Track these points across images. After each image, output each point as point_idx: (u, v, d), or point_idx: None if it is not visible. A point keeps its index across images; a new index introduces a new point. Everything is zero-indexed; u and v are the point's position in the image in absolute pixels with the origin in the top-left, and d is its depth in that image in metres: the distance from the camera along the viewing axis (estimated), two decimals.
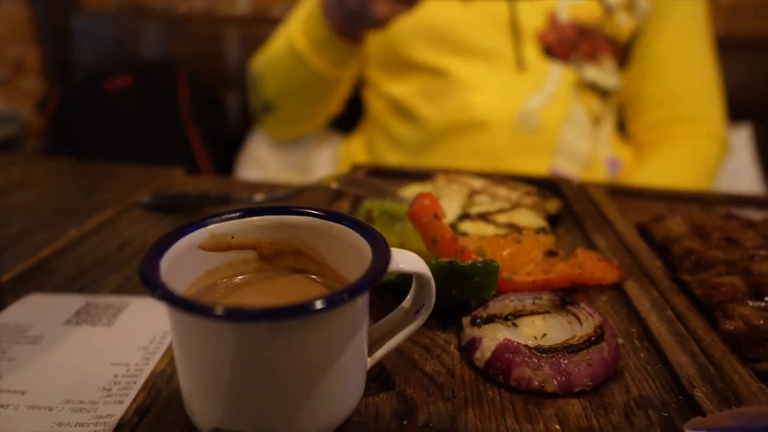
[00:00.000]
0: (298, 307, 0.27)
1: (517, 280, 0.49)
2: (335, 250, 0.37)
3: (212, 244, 0.36)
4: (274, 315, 0.27)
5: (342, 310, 0.30)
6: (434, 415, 0.37)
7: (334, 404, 0.32)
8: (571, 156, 1.12)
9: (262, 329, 0.28)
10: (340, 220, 0.36)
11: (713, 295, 0.49)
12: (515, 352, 0.39)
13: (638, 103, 1.20)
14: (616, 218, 0.67)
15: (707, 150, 1.15)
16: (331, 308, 0.28)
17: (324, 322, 0.29)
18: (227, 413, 0.30)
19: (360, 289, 0.29)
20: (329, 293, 0.28)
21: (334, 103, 1.28)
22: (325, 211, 0.37)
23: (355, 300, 0.29)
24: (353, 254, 0.35)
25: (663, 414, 0.38)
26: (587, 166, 1.14)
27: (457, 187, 0.73)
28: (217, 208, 0.74)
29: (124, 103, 1.61)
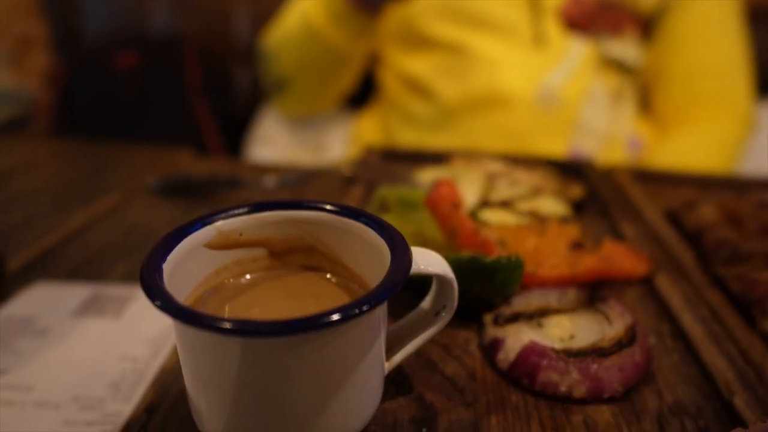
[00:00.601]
0: (311, 320, 0.25)
1: (541, 274, 0.46)
2: (350, 247, 0.35)
3: (219, 242, 0.34)
4: (285, 329, 0.25)
5: (359, 320, 0.27)
6: (455, 422, 0.35)
7: (349, 416, 0.30)
8: (591, 134, 1.09)
9: (270, 342, 0.26)
10: (357, 217, 0.34)
11: (752, 291, 0.46)
12: (541, 355, 0.37)
13: (663, 78, 1.16)
14: (644, 205, 0.64)
15: (730, 129, 1.11)
16: (347, 321, 0.25)
17: (339, 335, 0.27)
18: (234, 425, 0.28)
19: (379, 299, 0.27)
20: (345, 304, 0.26)
21: (347, 80, 1.25)
22: (340, 207, 0.35)
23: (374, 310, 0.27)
24: (370, 253, 0.33)
25: (699, 422, 0.36)
26: (607, 144, 1.10)
27: (475, 172, 0.70)
28: (226, 192, 0.72)
29: (131, 81, 1.59)
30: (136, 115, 1.59)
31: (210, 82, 1.68)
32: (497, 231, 0.52)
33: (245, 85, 1.80)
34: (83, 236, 0.62)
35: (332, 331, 0.26)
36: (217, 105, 1.67)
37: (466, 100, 1.09)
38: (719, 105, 1.12)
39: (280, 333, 0.25)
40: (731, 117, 1.11)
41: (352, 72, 1.22)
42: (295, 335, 0.26)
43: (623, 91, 1.14)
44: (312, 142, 1.42)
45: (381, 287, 0.27)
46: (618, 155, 1.10)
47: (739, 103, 1.11)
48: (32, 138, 1.64)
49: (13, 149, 0.90)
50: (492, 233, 0.51)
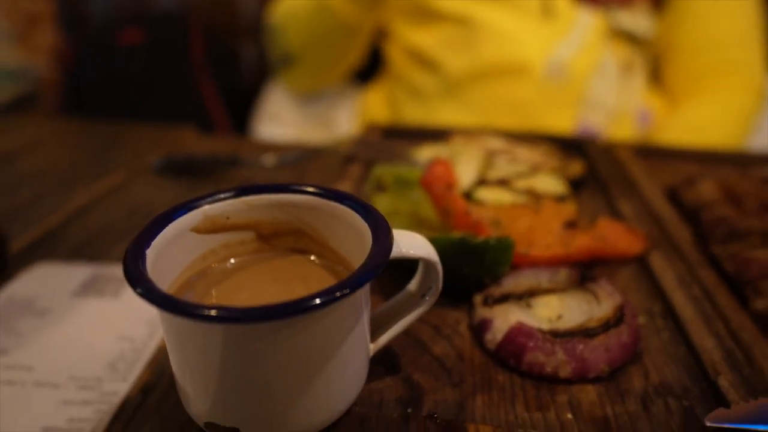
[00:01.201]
0: (292, 305, 0.25)
1: (534, 254, 0.46)
2: (337, 231, 0.35)
3: (206, 226, 0.34)
4: (264, 316, 0.25)
5: (338, 304, 0.28)
6: (441, 402, 0.35)
7: (333, 398, 0.30)
8: (600, 108, 1.07)
9: (251, 328, 0.26)
10: (342, 200, 0.34)
11: (745, 271, 0.46)
12: (528, 336, 0.37)
13: (674, 49, 1.14)
14: (644, 182, 0.63)
15: (742, 100, 1.09)
16: (325, 306, 0.26)
17: (318, 319, 0.27)
18: (221, 409, 0.29)
19: (358, 284, 0.27)
20: (322, 289, 0.26)
21: (355, 54, 1.24)
22: (324, 190, 0.35)
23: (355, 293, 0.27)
24: (354, 236, 0.33)
25: (683, 403, 0.36)
26: (616, 118, 1.09)
27: (474, 149, 0.69)
28: (228, 171, 0.72)
29: (136, 58, 1.59)
30: (141, 92, 1.59)
31: (216, 59, 1.67)
32: (492, 210, 0.52)
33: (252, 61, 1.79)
34: (86, 216, 0.63)
35: (311, 316, 0.27)
36: (223, 81, 1.66)
37: (474, 72, 1.07)
38: (731, 76, 1.10)
39: (259, 319, 0.25)
40: (743, 88, 1.09)
41: (360, 46, 1.21)
42: (275, 321, 0.26)
43: (633, 63, 1.12)
44: (319, 118, 1.42)
45: (360, 272, 0.28)
46: (627, 129, 1.09)
47: (751, 74, 1.09)
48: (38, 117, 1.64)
49: (18, 129, 0.91)
50: (486, 213, 0.51)
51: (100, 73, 1.60)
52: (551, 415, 0.35)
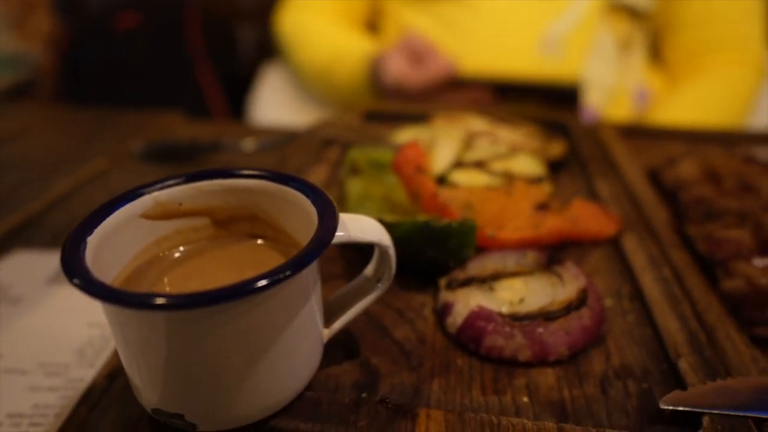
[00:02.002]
0: (230, 290, 0.25)
1: (502, 237, 0.46)
2: (290, 215, 0.34)
3: (158, 212, 0.34)
4: (203, 301, 0.25)
5: (281, 287, 0.27)
6: (397, 387, 0.35)
7: (280, 383, 0.30)
8: (597, 86, 1.06)
9: (190, 314, 0.26)
10: (290, 183, 0.34)
11: (716, 251, 0.45)
12: (487, 319, 0.37)
13: (674, 25, 1.12)
14: (625, 162, 0.62)
15: (742, 77, 1.07)
16: (268, 289, 0.26)
17: (260, 302, 0.27)
18: (166, 395, 0.29)
19: (296, 267, 0.27)
20: (261, 273, 0.26)
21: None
22: (274, 173, 0.34)
23: (297, 275, 0.27)
24: (306, 220, 0.33)
25: (642, 385, 0.36)
26: (613, 96, 1.07)
27: (455, 131, 0.68)
28: (210, 156, 0.72)
29: (132, 42, 1.58)
30: (138, 77, 1.58)
31: (213, 43, 1.66)
32: (465, 193, 0.51)
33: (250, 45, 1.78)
34: (67, 203, 0.63)
35: (250, 300, 0.27)
36: (220, 65, 1.66)
37: (468, 52, 1.06)
38: (730, 52, 1.08)
39: (192, 305, 0.25)
40: (743, 65, 1.07)
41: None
42: (209, 306, 0.26)
43: (632, 39, 1.10)
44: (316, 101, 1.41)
45: (299, 256, 0.27)
46: (624, 107, 1.07)
47: (751, 51, 1.07)
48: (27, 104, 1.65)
49: (6, 116, 0.91)
50: (458, 195, 0.51)
51: (96, 58, 1.60)
52: (507, 399, 0.35)
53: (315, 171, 0.61)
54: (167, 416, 0.29)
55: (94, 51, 1.59)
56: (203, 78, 1.60)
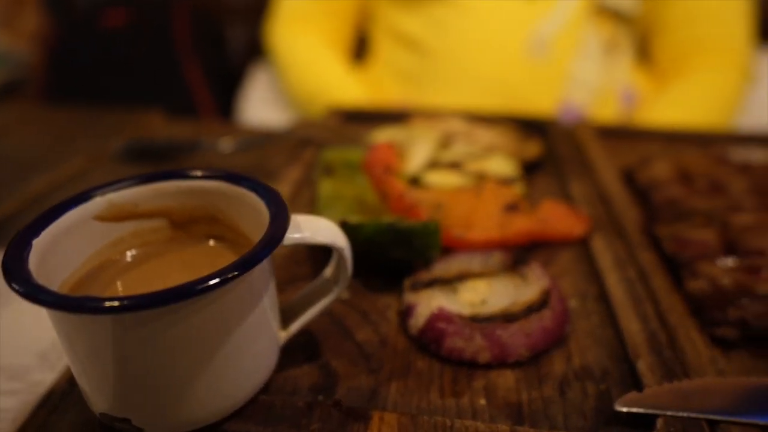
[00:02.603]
0: (173, 292, 0.25)
1: (469, 237, 0.46)
2: (246, 216, 0.34)
3: (113, 213, 0.34)
4: (146, 303, 0.25)
5: (230, 287, 0.27)
6: (354, 389, 0.35)
7: (230, 386, 0.30)
8: (583, 87, 1.06)
9: (134, 317, 0.26)
10: (241, 183, 0.33)
11: (682, 251, 0.45)
12: (448, 321, 0.37)
13: (660, 25, 1.12)
14: (600, 163, 0.62)
15: (729, 79, 1.07)
16: (212, 290, 0.26)
17: (207, 303, 0.27)
18: (111, 399, 0.29)
19: (244, 267, 0.27)
20: (204, 276, 0.26)
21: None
22: (227, 174, 0.34)
23: (244, 276, 0.27)
24: (260, 222, 0.32)
25: (601, 387, 0.36)
26: (600, 97, 1.07)
27: (432, 131, 0.68)
28: (188, 156, 0.72)
29: (119, 40, 1.57)
30: (125, 75, 1.58)
31: (202, 41, 1.66)
32: (435, 194, 0.51)
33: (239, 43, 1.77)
34: (44, 203, 0.63)
35: (193, 303, 0.26)
36: (209, 64, 1.65)
37: (458, 53, 1.07)
38: (717, 53, 1.08)
39: (135, 309, 0.25)
40: (729, 66, 1.07)
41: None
42: (155, 309, 0.26)
43: (619, 40, 1.10)
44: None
45: (245, 257, 0.27)
46: (611, 108, 1.08)
47: (737, 52, 1.07)
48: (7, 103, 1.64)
49: None
50: (429, 196, 0.51)
51: (84, 56, 1.59)
52: (464, 401, 0.34)
53: (289, 171, 0.61)
54: (114, 421, 0.29)
55: (82, 49, 1.58)
56: (191, 76, 1.59)
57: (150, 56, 1.60)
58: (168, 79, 1.60)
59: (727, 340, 0.39)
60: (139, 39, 1.60)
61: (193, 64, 1.60)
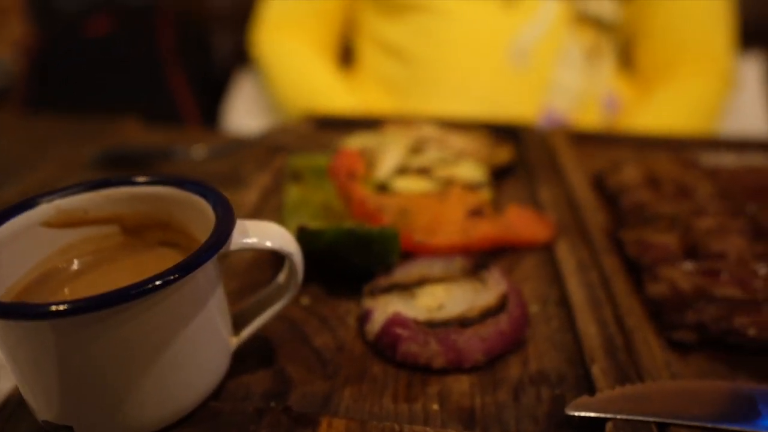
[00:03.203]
0: (107, 297, 0.25)
1: (432, 243, 0.46)
2: (197, 221, 0.34)
3: (62, 220, 0.34)
4: (81, 308, 0.25)
5: (170, 291, 0.27)
6: (307, 395, 0.35)
7: (176, 393, 0.30)
8: (565, 94, 1.07)
9: (71, 322, 0.26)
10: (190, 188, 0.33)
11: (644, 255, 0.45)
12: (403, 326, 0.37)
13: (643, 34, 1.13)
14: (570, 168, 0.62)
15: (711, 87, 1.08)
16: (147, 294, 0.25)
17: (147, 308, 0.27)
18: (52, 407, 0.28)
19: (183, 270, 0.26)
20: (141, 280, 0.26)
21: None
22: (175, 179, 0.34)
23: (186, 280, 0.27)
24: (209, 226, 0.32)
25: (555, 391, 0.35)
26: (581, 104, 1.08)
27: (404, 138, 0.68)
28: (162, 164, 0.72)
29: (102, 48, 1.57)
30: (108, 82, 1.57)
31: (186, 49, 1.66)
32: (401, 199, 0.51)
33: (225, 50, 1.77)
34: None
35: (132, 307, 0.26)
36: (194, 71, 1.65)
37: (440, 61, 1.07)
38: (699, 61, 1.09)
39: (65, 314, 0.25)
40: (712, 74, 1.08)
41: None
42: (90, 314, 0.26)
43: (601, 47, 1.11)
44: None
45: (184, 262, 0.27)
46: (593, 115, 1.08)
47: (719, 60, 1.08)
48: None
49: None
50: (395, 201, 0.51)
51: (66, 64, 1.59)
52: (417, 407, 0.34)
53: (259, 178, 0.61)
54: (56, 429, 0.29)
55: (63, 56, 1.58)
56: (175, 83, 1.59)
57: (134, 64, 1.60)
58: (152, 87, 1.60)
59: (684, 343, 0.39)
60: (122, 47, 1.60)
61: (177, 72, 1.60)
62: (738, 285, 0.41)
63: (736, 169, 0.57)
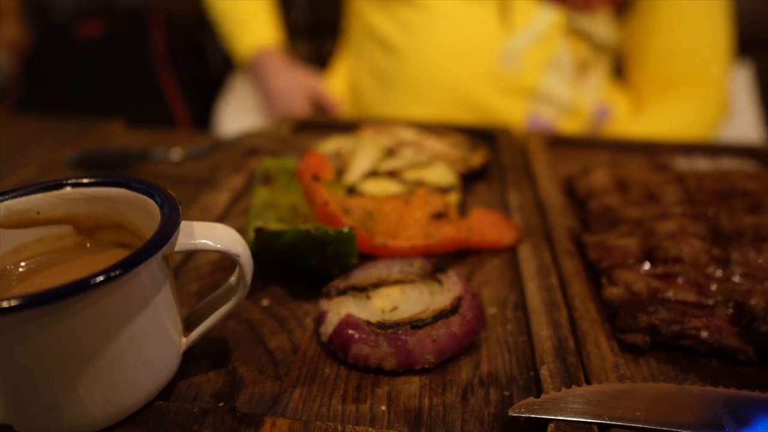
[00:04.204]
0: (35, 297, 0.25)
1: (393, 245, 0.46)
2: (146, 221, 0.34)
3: (14, 221, 0.34)
4: (10, 309, 0.25)
5: (107, 291, 0.27)
6: (256, 395, 0.35)
7: (119, 393, 0.30)
8: (553, 102, 1.07)
9: (5, 321, 0.26)
10: (137, 188, 0.34)
11: (603, 258, 0.45)
12: (355, 328, 0.37)
13: (641, 56, 1.12)
14: (542, 172, 0.63)
15: (705, 110, 1.08)
16: (80, 293, 0.26)
17: (82, 308, 0.27)
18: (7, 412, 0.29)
19: (119, 270, 0.27)
20: (83, 276, 0.26)
21: None
22: (124, 180, 0.34)
23: (126, 279, 0.27)
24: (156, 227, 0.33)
25: (504, 393, 0.36)
26: (570, 112, 1.08)
27: (380, 140, 0.69)
28: (140, 165, 0.72)
29: (94, 50, 1.58)
30: (100, 84, 1.58)
31: (179, 51, 1.66)
32: (368, 202, 0.52)
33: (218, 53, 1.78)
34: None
35: (67, 306, 0.27)
36: (187, 74, 1.66)
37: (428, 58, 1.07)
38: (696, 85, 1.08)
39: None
40: (706, 98, 1.08)
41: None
42: (23, 312, 0.26)
43: (591, 61, 1.11)
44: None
45: (118, 263, 0.27)
46: (581, 124, 1.08)
47: (716, 86, 1.07)
48: None
49: None
50: (362, 204, 0.51)
51: (58, 66, 1.59)
52: (365, 408, 0.34)
53: (232, 180, 0.61)
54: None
55: (55, 58, 1.58)
56: (167, 86, 1.60)
57: (126, 66, 1.60)
58: (145, 89, 1.61)
59: (637, 346, 0.39)
60: (115, 49, 1.60)
61: (169, 75, 1.60)
62: (693, 288, 0.42)
63: (705, 173, 0.58)
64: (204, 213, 0.54)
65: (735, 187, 0.55)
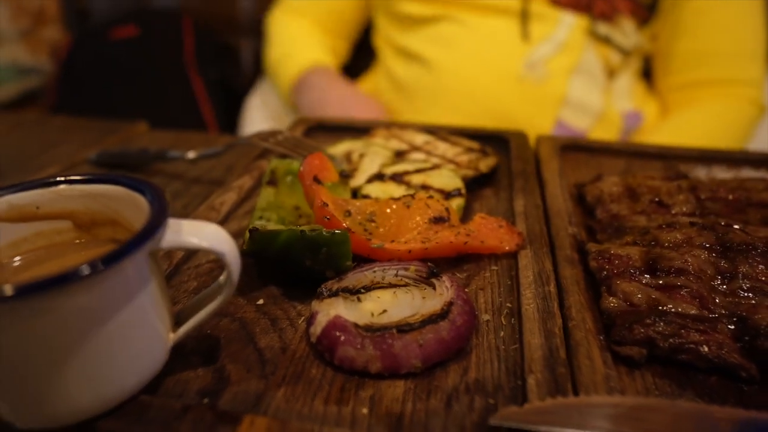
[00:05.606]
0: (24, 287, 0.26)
1: (390, 249, 0.46)
2: (140, 218, 0.35)
3: (14, 215, 0.35)
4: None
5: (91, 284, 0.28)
6: (241, 393, 0.35)
7: (104, 385, 0.31)
8: (581, 108, 1.05)
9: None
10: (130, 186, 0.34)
11: (604, 267, 0.44)
12: (342, 330, 0.37)
13: (668, 61, 1.09)
14: (551, 178, 0.62)
15: (739, 110, 1.04)
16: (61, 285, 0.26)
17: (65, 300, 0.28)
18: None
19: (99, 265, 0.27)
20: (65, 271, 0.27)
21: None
22: (117, 178, 0.35)
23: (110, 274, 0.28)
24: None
25: (489, 400, 0.35)
26: (600, 119, 1.06)
27: (391, 144, 0.69)
28: (158, 165, 0.74)
29: (128, 52, 1.62)
30: (133, 87, 1.62)
31: (211, 56, 1.70)
32: (371, 204, 0.52)
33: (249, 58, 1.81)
34: None
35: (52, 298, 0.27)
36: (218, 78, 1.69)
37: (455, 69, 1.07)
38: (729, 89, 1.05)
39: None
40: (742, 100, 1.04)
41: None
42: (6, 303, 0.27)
43: (620, 66, 1.08)
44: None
45: (98, 258, 0.28)
46: (612, 130, 1.06)
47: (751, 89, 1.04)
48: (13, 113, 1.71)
49: None
50: (365, 206, 0.51)
51: (92, 68, 1.64)
52: (347, 410, 0.34)
53: (242, 180, 0.62)
54: None
55: (89, 60, 1.63)
56: (198, 90, 1.63)
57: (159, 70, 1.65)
58: (175, 92, 1.64)
59: (632, 359, 0.38)
60: (148, 53, 1.65)
61: (200, 79, 1.64)
62: (695, 301, 0.40)
63: (720, 182, 0.56)
64: (210, 212, 0.55)
65: (751, 197, 0.53)
